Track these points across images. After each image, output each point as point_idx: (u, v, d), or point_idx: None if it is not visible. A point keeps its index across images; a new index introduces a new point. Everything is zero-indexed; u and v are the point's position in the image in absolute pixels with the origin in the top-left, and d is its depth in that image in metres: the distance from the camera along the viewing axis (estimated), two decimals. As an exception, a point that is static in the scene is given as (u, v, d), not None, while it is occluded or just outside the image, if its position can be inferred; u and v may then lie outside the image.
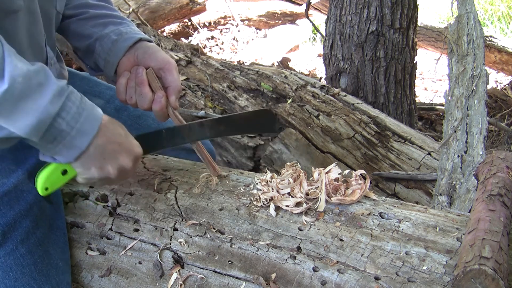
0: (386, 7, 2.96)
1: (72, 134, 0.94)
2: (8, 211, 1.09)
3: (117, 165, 1.03)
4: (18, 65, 0.87)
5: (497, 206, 0.92)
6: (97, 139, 0.98)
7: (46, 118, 0.89)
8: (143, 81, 1.18)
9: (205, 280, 1.06)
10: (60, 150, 0.95)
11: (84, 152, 0.97)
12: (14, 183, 1.10)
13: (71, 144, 0.95)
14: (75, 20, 1.30)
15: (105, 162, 1.01)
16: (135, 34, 1.26)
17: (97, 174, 1.02)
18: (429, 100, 4.71)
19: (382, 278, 0.91)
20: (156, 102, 1.18)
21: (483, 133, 1.83)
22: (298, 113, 2.48)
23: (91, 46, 1.28)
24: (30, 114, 0.88)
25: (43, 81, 0.90)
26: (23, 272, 1.10)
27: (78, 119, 0.94)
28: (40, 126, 0.89)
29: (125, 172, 1.06)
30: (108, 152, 1.01)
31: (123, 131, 1.06)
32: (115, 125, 1.04)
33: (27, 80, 0.87)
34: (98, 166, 1.01)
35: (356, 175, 1.11)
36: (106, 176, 1.03)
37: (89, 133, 0.96)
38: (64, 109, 0.92)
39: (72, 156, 0.97)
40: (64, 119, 0.92)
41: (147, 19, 4.73)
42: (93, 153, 0.99)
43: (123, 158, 1.04)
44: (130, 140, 1.07)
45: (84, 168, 1.01)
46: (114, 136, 1.02)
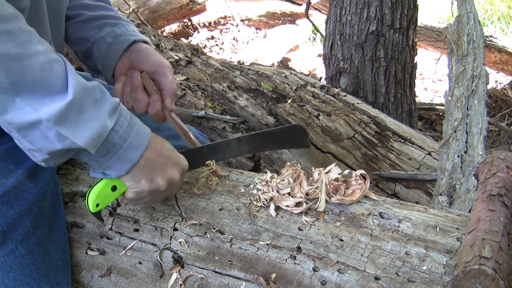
0: (386, 7, 2.96)
1: (124, 147, 0.97)
2: (7, 211, 1.09)
3: (166, 177, 1.06)
4: (79, 80, 0.91)
5: (497, 206, 0.92)
6: (147, 152, 1.01)
7: (104, 131, 0.93)
8: (138, 86, 1.19)
9: (205, 280, 1.06)
10: (113, 164, 0.99)
11: (135, 165, 1.01)
12: (14, 183, 1.10)
13: (123, 157, 0.98)
14: (72, 23, 1.29)
15: (155, 174, 1.04)
16: (129, 36, 1.26)
17: (147, 186, 1.04)
18: (429, 100, 4.71)
19: (382, 278, 0.91)
20: (151, 106, 1.19)
21: (483, 133, 1.83)
22: (298, 113, 2.48)
23: (89, 50, 1.28)
24: (90, 126, 0.91)
25: (101, 96, 0.95)
26: (23, 272, 1.10)
27: (129, 133, 0.98)
28: (98, 138, 0.93)
29: (174, 184, 1.08)
30: (157, 164, 1.04)
31: (170, 146, 1.10)
32: (161, 139, 1.08)
33: (87, 95, 0.92)
34: (148, 179, 1.03)
35: (356, 175, 1.11)
36: (156, 188, 1.05)
37: (140, 146, 1.00)
38: (117, 123, 0.96)
39: (123, 169, 1.00)
40: (117, 132, 0.96)
41: (147, 19, 4.72)
42: (143, 165, 1.02)
43: (172, 171, 1.07)
44: (177, 154, 1.11)
45: (135, 181, 1.03)
46: (162, 149, 1.06)
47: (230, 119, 2.51)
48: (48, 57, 0.89)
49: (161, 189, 1.06)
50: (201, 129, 2.48)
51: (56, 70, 0.89)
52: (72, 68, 0.93)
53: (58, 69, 0.89)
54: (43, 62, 0.88)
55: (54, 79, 0.88)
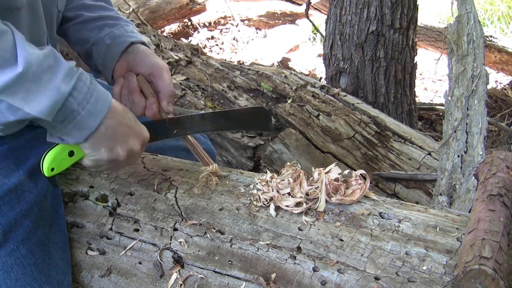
0: (386, 7, 2.96)
1: (82, 113, 0.95)
2: (9, 211, 1.09)
3: (127, 147, 1.04)
4: (29, 50, 0.88)
5: (497, 206, 0.92)
6: (107, 120, 0.99)
7: (60, 98, 0.91)
8: (134, 89, 1.19)
9: (205, 280, 1.06)
10: (70, 130, 0.96)
11: (94, 133, 0.98)
12: (15, 183, 1.10)
13: (81, 124, 0.96)
14: (72, 24, 1.29)
15: (115, 144, 1.02)
16: (127, 37, 1.25)
17: (106, 155, 1.02)
18: (429, 100, 4.71)
19: (382, 278, 0.91)
20: (148, 109, 1.19)
21: (483, 133, 1.83)
22: (298, 113, 2.48)
23: (89, 51, 1.28)
24: (45, 95, 0.89)
25: (54, 63, 0.92)
26: (24, 272, 1.10)
27: (89, 99, 0.95)
28: (54, 106, 0.90)
29: (134, 155, 1.06)
30: (118, 133, 1.01)
31: (132, 115, 1.07)
32: (123, 108, 1.06)
33: (39, 63, 0.89)
34: (108, 147, 1.01)
35: (356, 175, 1.11)
36: (115, 157, 1.03)
37: (99, 113, 0.97)
38: (76, 89, 0.93)
39: (82, 136, 0.98)
40: (75, 98, 0.93)
41: (147, 19, 4.72)
42: (103, 134, 0.99)
43: (133, 141, 1.05)
44: (139, 124, 1.08)
45: (93, 149, 1.01)
46: (124, 118, 1.03)
47: (230, 119, 2.50)
48: None
49: (120, 159, 1.04)
50: (201, 129, 2.48)
51: (3, 42, 0.86)
52: (22, 38, 0.90)
53: (6, 39, 0.87)
54: None
55: (3, 50, 0.86)
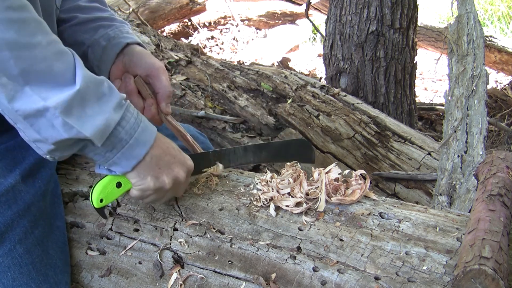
0: (386, 7, 2.96)
1: (130, 142, 0.98)
2: (5, 211, 1.09)
3: (172, 175, 1.05)
4: (87, 72, 0.92)
5: (497, 206, 0.92)
6: (153, 150, 1.01)
7: (111, 123, 0.94)
8: (132, 91, 1.19)
9: (205, 280, 1.06)
10: (118, 159, 0.99)
11: (141, 162, 1.00)
12: (12, 183, 1.10)
13: (129, 153, 0.98)
14: (67, 26, 1.28)
15: (161, 172, 1.04)
16: (122, 38, 1.24)
17: (152, 184, 1.04)
18: (429, 100, 4.71)
19: (382, 278, 0.91)
20: (146, 111, 1.20)
21: (483, 133, 1.83)
22: (298, 113, 2.48)
23: (85, 53, 1.27)
24: (97, 117, 0.92)
25: (108, 90, 0.95)
26: (21, 272, 1.10)
27: (136, 129, 0.98)
28: (105, 130, 0.93)
29: (179, 183, 1.08)
30: (163, 162, 1.04)
31: (176, 146, 1.09)
32: (167, 139, 1.08)
33: (95, 87, 0.93)
34: (154, 176, 1.03)
35: (356, 175, 1.11)
36: (162, 185, 1.05)
37: (146, 143, 1.00)
38: (124, 119, 0.96)
39: (129, 165, 1.00)
40: (123, 128, 0.96)
41: (147, 19, 4.72)
42: (149, 163, 1.02)
43: (178, 170, 1.06)
44: (183, 154, 1.10)
45: (140, 178, 1.03)
46: (168, 148, 1.06)
47: (230, 119, 2.51)
48: (58, 47, 0.90)
49: (166, 187, 1.05)
50: (201, 129, 2.48)
51: (66, 61, 0.90)
52: (80, 60, 0.93)
53: (67, 60, 0.90)
54: (54, 52, 0.89)
55: (64, 70, 0.89)
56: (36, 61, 0.86)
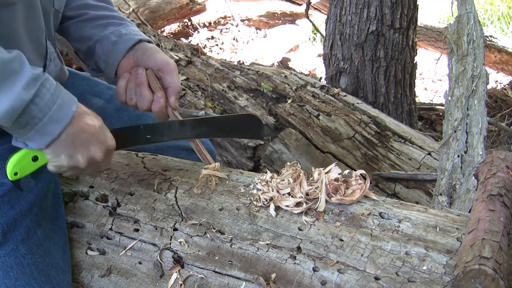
0: (386, 7, 2.96)
1: (44, 120, 0.95)
2: (8, 211, 1.09)
3: (88, 155, 1.03)
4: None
5: (497, 206, 0.92)
6: (69, 128, 0.98)
7: (19, 105, 0.90)
8: (143, 82, 1.19)
9: (205, 280, 1.06)
10: (32, 136, 0.96)
11: (56, 140, 0.98)
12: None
13: (43, 130, 0.96)
14: (76, 22, 1.30)
15: (76, 151, 1.01)
16: (135, 35, 1.27)
17: (66, 162, 1.02)
18: (429, 100, 4.71)
19: (382, 278, 0.91)
20: (155, 103, 1.19)
21: (483, 133, 1.83)
22: (298, 113, 2.48)
23: (92, 48, 1.28)
24: (3, 100, 0.89)
25: (18, 68, 0.91)
26: (23, 272, 1.10)
27: (51, 106, 0.95)
28: (13, 112, 0.90)
29: (95, 163, 1.06)
30: (79, 141, 1.01)
31: (98, 123, 1.06)
32: (90, 115, 1.05)
33: (2, 67, 0.89)
34: (68, 154, 1.01)
35: (356, 175, 1.11)
36: (76, 164, 1.03)
37: (61, 120, 0.97)
38: (38, 96, 0.93)
39: (43, 142, 0.98)
40: (37, 105, 0.93)
41: (147, 19, 4.72)
42: (64, 140, 0.99)
43: (94, 149, 1.04)
44: (104, 132, 1.07)
45: (54, 155, 1.01)
46: (87, 126, 1.02)
47: (230, 119, 2.50)
48: None
49: (80, 166, 1.03)
50: (201, 129, 2.48)
51: None
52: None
53: None
54: None
55: None
56: None
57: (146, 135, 1.19)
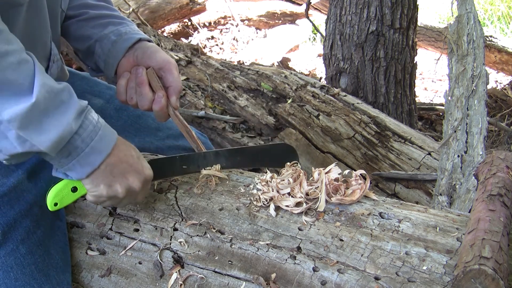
0: (386, 7, 2.96)
1: (86, 151, 0.97)
2: (8, 211, 1.09)
3: (126, 184, 1.04)
4: (46, 82, 0.90)
5: (497, 206, 0.92)
6: (109, 158, 1.00)
7: (67, 135, 0.93)
8: (143, 81, 1.19)
9: (205, 280, 1.06)
10: (74, 166, 0.98)
11: (96, 170, 1.00)
12: (14, 183, 1.10)
13: (84, 161, 0.98)
14: (75, 21, 1.30)
15: (114, 181, 1.03)
16: (135, 34, 1.26)
17: (105, 192, 1.03)
18: (429, 100, 4.70)
19: (382, 278, 0.91)
20: (156, 102, 1.18)
21: (483, 133, 1.83)
22: (298, 113, 2.48)
23: (91, 48, 1.28)
24: (53, 130, 0.90)
25: (67, 99, 0.94)
26: (23, 272, 1.10)
27: (93, 137, 0.97)
28: (60, 142, 0.92)
29: (134, 192, 1.07)
30: (118, 171, 1.03)
31: (136, 153, 1.08)
32: (128, 146, 1.07)
33: (53, 97, 0.91)
34: (107, 184, 1.02)
35: (356, 175, 1.11)
36: (114, 194, 1.04)
37: (102, 151, 0.99)
38: (82, 127, 0.95)
39: (84, 172, 0.99)
40: (80, 136, 0.95)
41: (147, 19, 4.72)
42: (104, 171, 1.01)
43: (133, 179, 1.05)
44: (141, 162, 1.09)
45: (93, 185, 1.02)
46: (126, 156, 1.04)
47: (230, 119, 2.51)
48: (17, 57, 0.88)
49: (119, 196, 1.05)
50: (201, 129, 2.48)
51: (25, 71, 0.88)
52: (41, 69, 0.91)
53: (26, 69, 0.88)
54: (12, 62, 0.87)
55: (22, 80, 0.87)
56: None
57: (182, 165, 1.20)
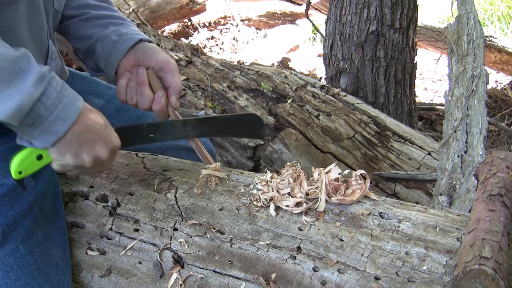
0: (386, 7, 2.96)
1: (50, 119, 0.94)
2: (8, 211, 1.09)
3: (93, 154, 1.03)
4: (2, 51, 0.88)
5: (497, 206, 0.92)
6: (75, 126, 0.98)
7: (27, 103, 0.90)
8: (144, 81, 1.19)
9: (205, 280, 1.06)
10: (38, 135, 0.96)
11: (62, 138, 0.98)
12: (15, 183, 1.10)
13: (49, 129, 0.95)
14: (76, 21, 1.30)
15: (81, 150, 1.01)
16: (136, 34, 1.27)
17: (71, 161, 1.02)
18: (429, 100, 4.71)
19: (382, 278, 0.91)
20: (156, 102, 1.19)
21: (483, 133, 1.83)
22: (298, 113, 2.48)
23: (92, 47, 1.28)
24: (12, 98, 0.88)
25: (26, 66, 0.91)
26: (23, 272, 1.10)
27: (57, 105, 0.95)
28: (21, 110, 0.90)
29: (101, 162, 1.06)
30: (84, 140, 1.01)
31: (103, 121, 1.06)
32: (95, 114, 1.04)
33: (10, 65, 0.88)
34: (73, 153, 1.01)
35: (356, 175, 1.11)
36: (81, 164, 1.03)
37: (67, 119, 0.97)
38: (45, 94, 0.93)
39: (49, 141, 0.97)
40: (44, 103, 0.93)
41: (147, 19, 4.72)
42: (70, 139, 0.99)
43: (100, 148, 1.04)
44: (109, 131, 1.07)
45: (60, 154, 1.01)
46: (92, 125, 1.02)
47: (230, 119, 2.50)
48: None
49: (86, 166, 1.03)
50: (201, 129, 2.48)
51: None
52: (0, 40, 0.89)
53: None
54: None
55: None
56: None
57: (149, 134, 1.19)
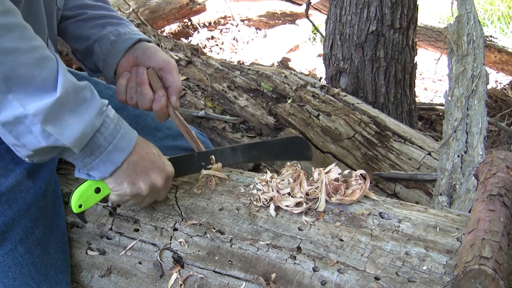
0: (386, 7, 2.96)
1: (109, 149, 0.98)
2: (6, 211, 1.09)
3: (149, 181, 1.05)
4: (69, 79, 0.92)
5: (497, 206, 0.92)
6: (131, 156, 1.02)
7: (90, 131, 0.94)
8: (144, 81, 1.19)
9: (205, 280, 1.06)
10: (97, 165, 0.99)
11: (119, 168, 1.01)
12: (13, 183, 1.10)
13: (107, 158, 0.99)
14: (73, 21, 1.30)
15: (137, 178, 1.04)
16: (134, 34, 1.27)
17: (129, 189, 1.04)
18: (429, 100, 4.70)
19: (382, 278, 0.91)
20: (156, 102, 1.19)
21: (483, 133, 1.83)
22: (298, 113, 2.48)
23: (90, 48, 1.28)
24: (77, 126, 0.92)
25: (89, 96, 0.95)
26: (22, 271, 1.10)
27: (115, 135, 0.98)
28: (83, 138, 0.93)
29: (157, 189, 1.08)
30: (140, 168, 1.04)
31: (156, 151, 1.09)
32: (148, 144, 1.08)
33: (76, 93, 0.92)
34: (130, 182, 1.03)
35: (356, 175, 1.11)
36: (138, 191, 1.05)
37: (125, 149, 1.00)
38: (103, 125, 0.96)
39: (107, 171, 1.00)
40: (102, 134, 0.96)
41: (147, 19, 4.72)
42: (126, 169, 1.02)
43: (155, 176, 1.06)
44: (162, 160, 1.10)
45: (117, 184, 1.03)
46: (147, 154, 1.06)
47: (230, 119, 2.51)
48: (41, 53, 0.90)
49: (142, 194, 1.06)
50: (201, 129, 2.48)
51: (49, 67, 0.90)
52: (64, 66, 0.93)
53: (50, 66, 0.90)
54: (36, 58, 0.88)
55: (46, 76, 0.89)
56: (17, 67, 0.85)
57: (200, 162, 1.22)
